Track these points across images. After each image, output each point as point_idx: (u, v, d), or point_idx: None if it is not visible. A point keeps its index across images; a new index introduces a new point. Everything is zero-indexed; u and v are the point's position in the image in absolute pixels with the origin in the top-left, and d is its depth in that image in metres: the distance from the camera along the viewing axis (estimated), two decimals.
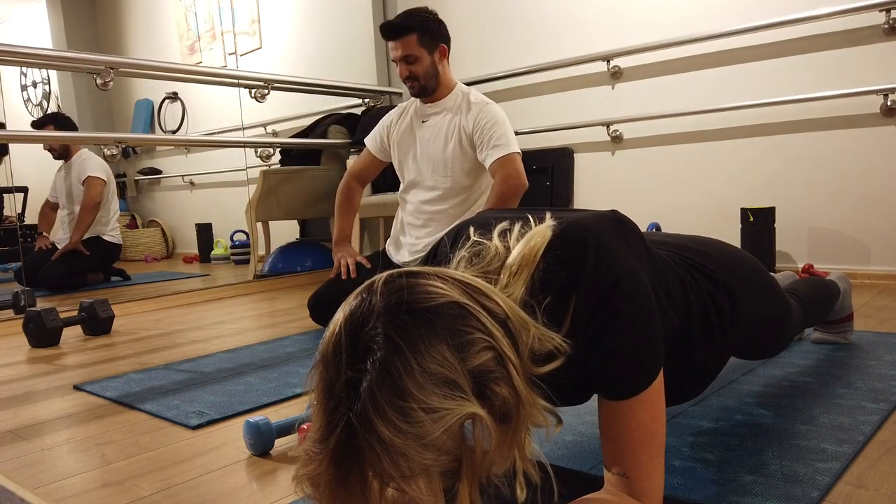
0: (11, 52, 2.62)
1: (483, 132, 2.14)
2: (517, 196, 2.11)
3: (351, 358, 0.57)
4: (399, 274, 0.63)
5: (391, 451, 0.54)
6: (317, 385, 0.59)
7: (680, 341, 0.89)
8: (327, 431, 0.57)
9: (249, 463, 1.12)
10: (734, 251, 1.09)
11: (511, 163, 2.09)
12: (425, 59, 2.18)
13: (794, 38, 2.67)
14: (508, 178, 2.08)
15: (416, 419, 0.55)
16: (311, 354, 1.89)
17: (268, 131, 4.63)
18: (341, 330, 0.59)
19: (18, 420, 1.44)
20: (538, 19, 3.42)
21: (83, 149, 3.87)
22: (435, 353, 0.57)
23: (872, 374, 1.38)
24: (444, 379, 0.57)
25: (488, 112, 2.16)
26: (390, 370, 0.55)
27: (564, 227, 0.76)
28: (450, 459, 0.57)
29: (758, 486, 0.90)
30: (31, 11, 6.01)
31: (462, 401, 0.57)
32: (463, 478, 0.58)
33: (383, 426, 0.54)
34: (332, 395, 0.57)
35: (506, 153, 2.09)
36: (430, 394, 0.56)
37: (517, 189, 2.09)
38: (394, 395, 0.55)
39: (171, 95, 5.60)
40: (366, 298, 0.60)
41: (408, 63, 2.17)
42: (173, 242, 5.73)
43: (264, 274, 3.63)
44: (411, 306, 0.59)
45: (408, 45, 2.15)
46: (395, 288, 0.60)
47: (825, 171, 2.66)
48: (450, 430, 0.56)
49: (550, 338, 0.67)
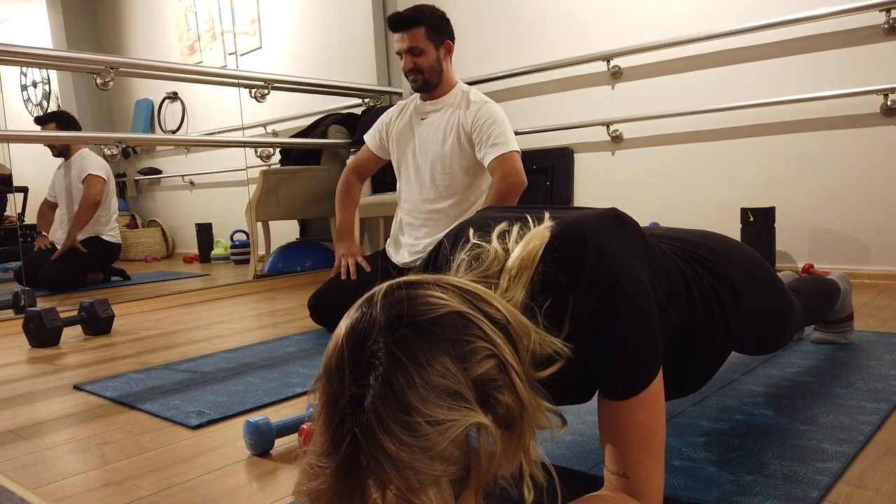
0: (11, 52, 2.62)
1: (482, 130, 2.14)
2: (516, 194, 2.11)
3: (354, 374, 0.57)
4: (399, 285, 0.62)
5: (399, 466, 0.54)
6: (320, 399, 0.59)
7: (682, 336, 0.89)
8: (332, 447, 0.57)
9: (249, 463, 1.12)
10: (737, 246, 1.09)
11: (510, 161, 2.09)
12: (431, 54, 2.17)
13: (794, 38, 2.67)
14: (507, 175, 2.08)
15: (421, 433, 0.55)
16: (311, 354, 1.89)
17: (268, 131, 4.63)
18: (343, 345, 0.59)
19: (18, 420, 1.43)
20: (538, 19, 3.42)
21: (84, 147, 3.87)
22: (437, 364, 0.57)
23: (872, 374, 1.38)
24: (448, 390, 0.57)
25: (487, 110, 2.16)
26: (393, 385, 0.55)
27: (563, 227, 0.76)
28: (458, 469, 0.58)
29: (758, 486, 0.90)
30: (31, 11, 6.01)
31: (466, 411, 0.57)
32: (470, 484, 0.59)
33: (389, 441, 0.54)
34: (337, 411, 0.57)
35: (505, 151, 2.09)
36: (434, 406, 0.56)
37: (516, 187, 2.09)
38: (398, 411, 0.55)
39: (171, 95, 5.60)
40: (366, 312, 0.60)
41: (413, 55, 2.17)
42: (173, 242, 5.73)
43: (264, 274, 3.63)
44: (412, 319, 0.59)
45: (415, 37, 2.14)
46: (394, 300, 0.60)
47: (825, 171, 2.66)
48: (456, 440, 0.56)
49: (551, 341, 0.67)
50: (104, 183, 3.84)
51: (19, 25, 6.24)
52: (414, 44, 2.15)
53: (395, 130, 2.33)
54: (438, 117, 2.24)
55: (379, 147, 2.38)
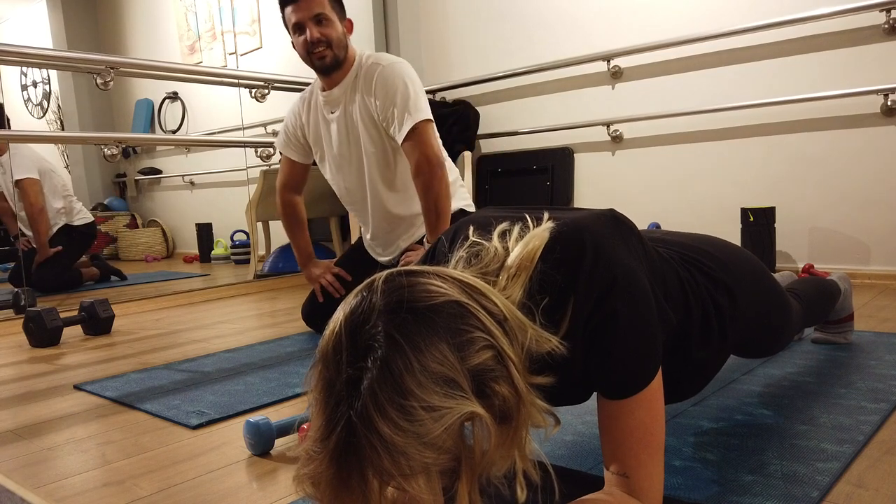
0: (11, 52, 2.62)
1: (385, 106, 1.84)
2: (439, 178, 1.80)
3: (351, 356, 0.57)
4: (399, 272, 0.63)
5: (391, 450, 0.54)
6: (317, 383, 0.59)
7: (679, 339, 0.89)
8: (328, 430, 0.57)
9: (249, 463, 1.12)
10: (734, 249, 1.09)
11: (421, 135, 1.77)
12: (337, 25, 1.91)
13: (794, 38, 2.67)
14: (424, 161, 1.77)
15: (416, 417, 0.55)
16: (311, 354, 1.89)
17: (268, 131, 4.63)
18: (341, 328, 0.59)
19: (18, 420, 1.44)
20: (538, 19, 3.42)
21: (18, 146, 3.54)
22: (435, 351, 0.57)
23: (872, 374, 1.38)
24: (445, 377, 0.57)
25: (382, 77, 1.86)
26: (391, 368, 0.55)
27: (562, 228, 0.76)
28: (449, 458, 0.58)
29: (758, 486, 0.90)
30: (31, 11, 6.01)
31: (462, 399, 0.57)
32: (462, 477, 0.59)
33: (384, 424, 0.54)
34: (333, 394, 0.57)
35: (411, 125, 1.78)
36: (430, 392, 0.56)
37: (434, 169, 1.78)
38: (395, 393, 0.55)
39: (171, 95, 5.60)
40: (366, 297, 0.60)
41: (319, 24, 1.86)
42: (173, 242, 5.73)
43: (264, 274, 3.64)
44: (412, 304, 0.59)
45: (320, 3, 1.86)
46: (395, 286, 0.60)
47: (825, 171, 2.66)
48: (450, 428, 0.56)
49: (547, 339, 0.67)
50: (38, 182, 3.55)
51: (19, 25, 6.24)
52: (320, 10, 1.85)
53: (311, 133, 2.08)
54: (344, 108, 1.98)
55: (300, 153, 2.14)
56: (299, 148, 2.14)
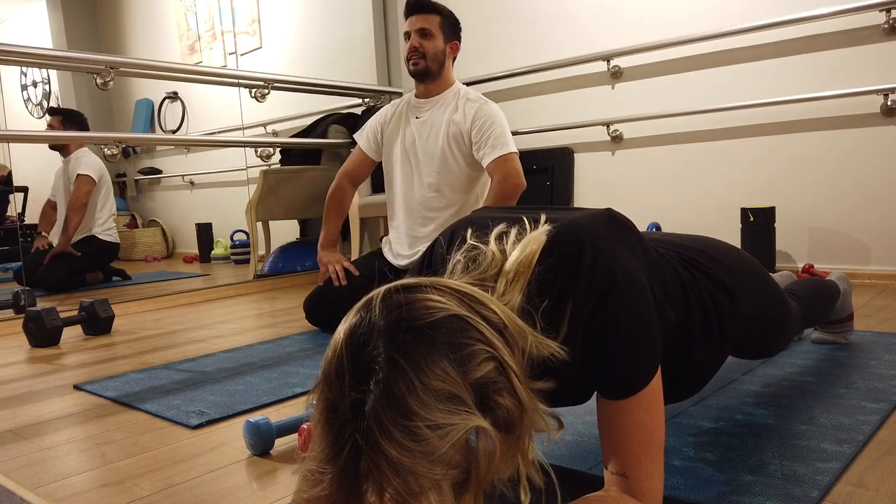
0: (11, 52, 2.62)
1: (481, 130, 2.12)
2: (516, 196, 2.10)
3: (354, 379, 0.57)
4: (396, 289, 0.62)
5: (400, 470, 0.54)
6: (320, 405, 0.59)
7: (678, 340, 0.89)
8: (333, 452, 0.57)
9: (249, 463, 1.12)
10: (734, 251, 1.09)
11: (510, 162, 2.08)
12: (439, 42, 2.17)
13: (794, 38, 2.67)
14: (508, 177, 2.07)
15: (422, 437, 0.55)
16: (311, 354, 1.89)
17: (268, 131, 4.63)
18: (343, 350, 0.59)
19: (18, 420, 1.44)
20: (539, 19, 3.42)
21: (84, 146, 3.83)
22: (437, 369, 0.57)
23: (872, 374, 1.38)
24: (448, 394, 0.57)
25: (487, 110, 2.15)
26: (394, 390, 0.55)
27: (559, 230, 0.76)
28: (459, 472, 0.58)
29: (758, 486, 0.90)
30: (31, 11, 6.01)
31: (466, 414, 0.57)
32: (470, 488, 0.59)
33: (390, 446, 0.54)
34: (338, 416, 0.57)
35: (505, 153, 2.09)
36: (434, 411, 0.56)
37: (516, 189, 2.08)
38: (398, 415, 0.55)
39: (171, 95, 5.60)
40: (365, 317, 0.60)
41: (422, 36, 2.16)
42: (173, 242, 5.73)
43: (264, 273, 3.63)
44: (410, 324, 0.58)
45: (429, 21, 2.15)
46: (393, 305, 0.60)
47: (825, 171, 2.66)
48: (456, 444, 0.56)
49: (548, 344, 0.67)
50: (93, 183, 3.77)
51: (19, 25, 6.24)
52: (426, 25, 2.15)
53: (389, 131, 2.29)
54: (433, 115, 2.21)
55: (373, 149, 2.34)
56: (374, 143, 2.34)
